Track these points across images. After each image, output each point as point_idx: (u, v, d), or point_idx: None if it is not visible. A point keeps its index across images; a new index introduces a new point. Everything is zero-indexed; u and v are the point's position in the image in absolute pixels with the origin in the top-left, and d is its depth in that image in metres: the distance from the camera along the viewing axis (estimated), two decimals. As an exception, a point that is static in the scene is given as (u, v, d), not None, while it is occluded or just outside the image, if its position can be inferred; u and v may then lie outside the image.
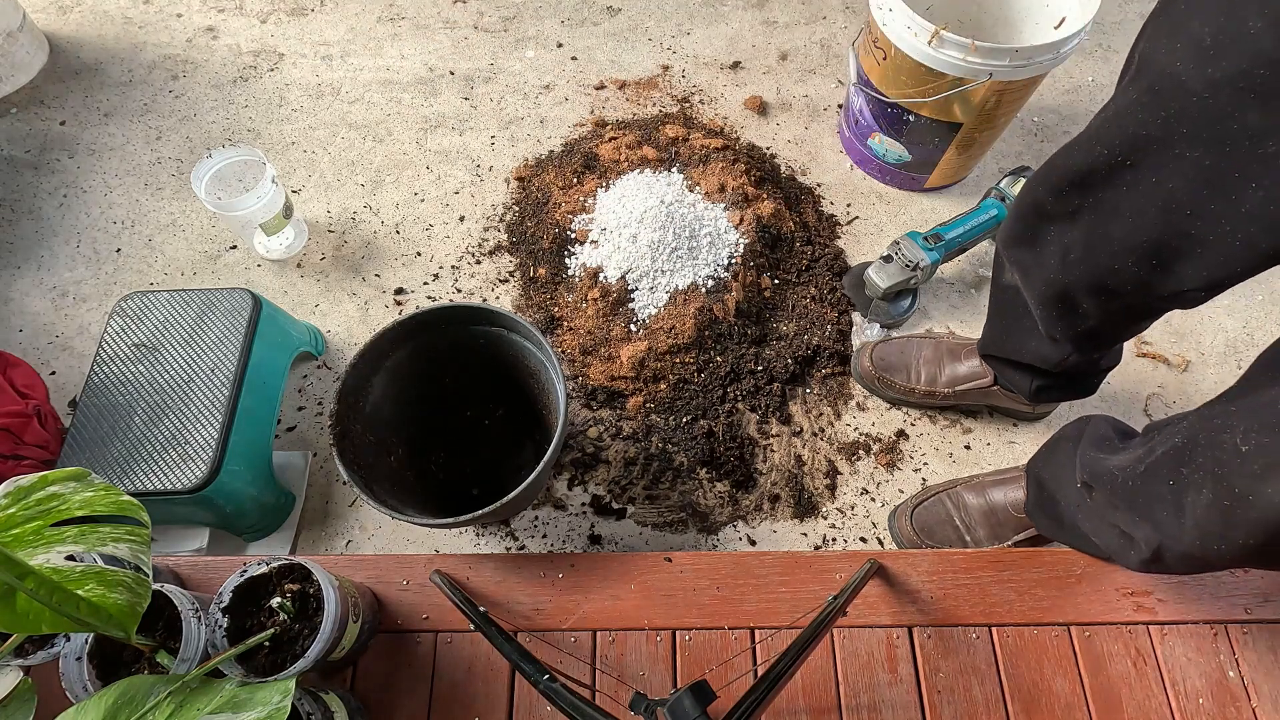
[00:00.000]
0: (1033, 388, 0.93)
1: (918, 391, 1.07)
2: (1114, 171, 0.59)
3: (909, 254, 1.10)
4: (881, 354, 1.09)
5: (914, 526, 0.98)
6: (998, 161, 1.36)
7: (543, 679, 0.60)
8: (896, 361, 1.08)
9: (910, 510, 0.99)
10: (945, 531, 0.96)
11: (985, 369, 1.02)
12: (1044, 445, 0.88)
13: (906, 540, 0.98)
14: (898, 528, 1.00)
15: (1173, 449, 0.61)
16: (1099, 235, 0.63)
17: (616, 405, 1.09)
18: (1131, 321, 0.74)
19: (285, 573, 0.66)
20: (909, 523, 0.98)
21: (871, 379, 1.09)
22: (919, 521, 0.98)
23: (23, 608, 0.43)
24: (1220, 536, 0.56)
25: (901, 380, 1.07)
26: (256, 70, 1.45)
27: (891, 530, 1.01)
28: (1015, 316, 0.86)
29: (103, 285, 1.20)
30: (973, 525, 0.96)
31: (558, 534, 1.02)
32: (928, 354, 1.08)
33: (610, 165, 1.24)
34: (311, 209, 1.28)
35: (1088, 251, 0.65)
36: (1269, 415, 0.52)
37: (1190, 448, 0.58)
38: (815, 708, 0.77)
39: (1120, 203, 0.60)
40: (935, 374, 1.06)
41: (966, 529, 0.96)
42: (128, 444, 0.87)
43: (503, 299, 1.20)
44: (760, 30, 1.53)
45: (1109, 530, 0.73)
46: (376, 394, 0.85)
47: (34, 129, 1.37)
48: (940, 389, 1.06)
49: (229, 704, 0.52)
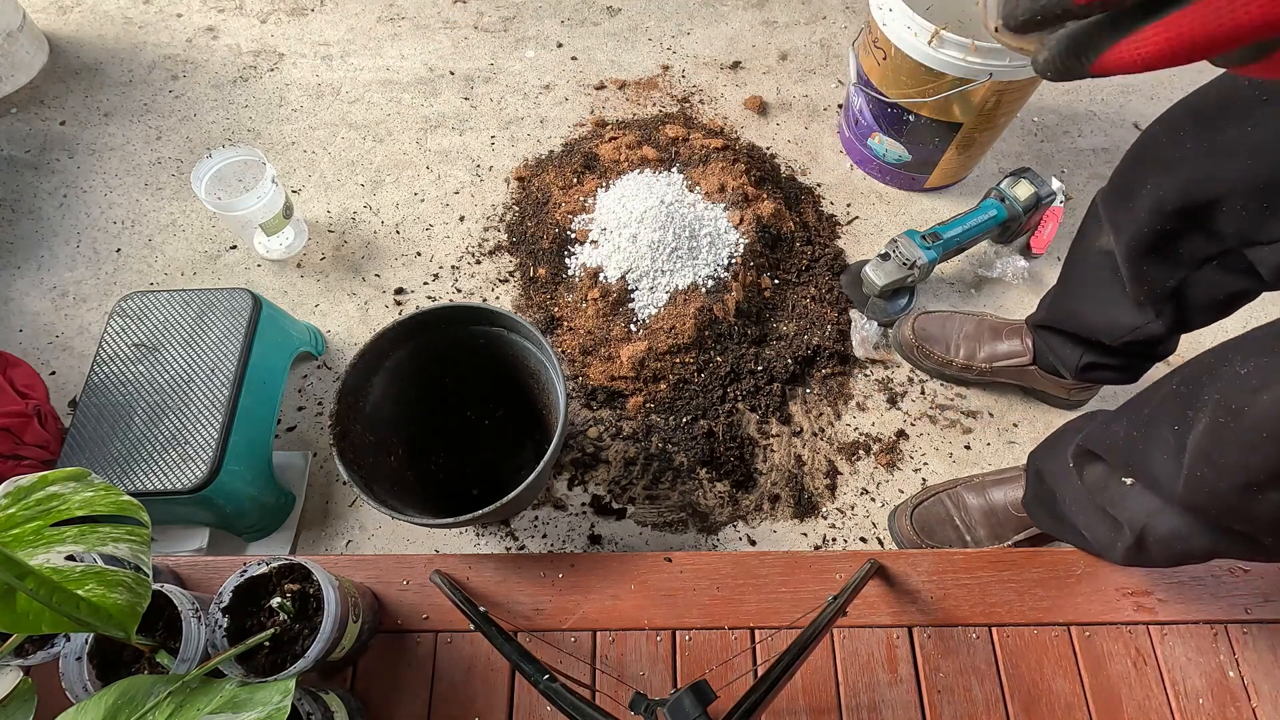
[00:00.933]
0: (1080, 363, 0.93)
1: (955, 364, 1.09)
2: (1249, 107, 0.60)
3: (906, 252, 1.10)
4: (923, 324, 1.11)
5: (914, 526, 0.98)
6: (998, 161, 1.36)
7: (543, 679, 0.60)
8: (937, 333, 1.10)
9: (910, 510, 0.99)
10: (945, 531, 0.96)
11: (1025, 347, 1.04)
12: (1047, 438, 0.88)
13: (906, 540, 0.98)
14: (897, 527, 1.00)
15: (1174, 394, 0.63)
16: (1207, 174, 0.64)
17: (616, 405, 1.09)
18: (1218, 286, 0.72)
19: (285, 573, 0.66)
20: (909, 522, 0.98)
21: (911, 347, 1.11)
22: (919, 521, 0.98)
23: (23, 608, 0.43)
24: (1212, 465, 0.57)
25: (940, 352, 1.09)
26: (256, 70, 1.45)
27: (891, 530, 1.01)
28: (1097, 284, 0.85)
29: (103, 285, 1.20)
30: (973, 525, 0.96)
31: (558, 534, 1.02)
32: (969, 329, 1.10)
33: (610, 165, 1.24)
34: (311, 209, 1.28)
35: (1194, 187, 0.65)
36: (1267, 342, 0.55)
37: (1193, 387, 0.60)
38: (815, 708, 0.77)
39: (1240, 141, 0.60)
40: (974, 349, 1.08)
41: (967, 529, 0.96)
42: (128, 444, 0.87)
43: (503, 299, 1.20)
44: (760, 30, 1.53)
45: (1098, 517, 0.74)
46: (376, 394, 0.85)
47: (34, 129, 1.37)
48: (978, 364, 1.08)
49: (229, 704, 0.52)
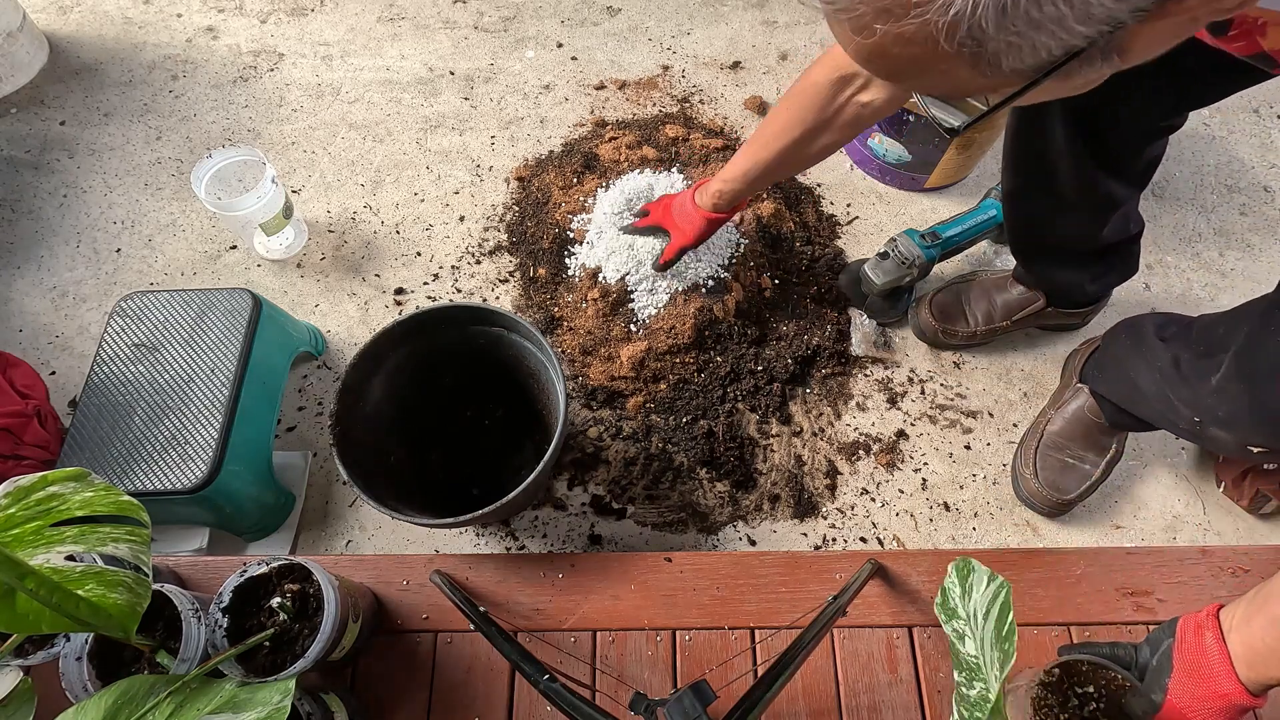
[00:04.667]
0: (1089, 286, 1.04)
1: (980, 333, 1.12)
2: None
3: (905, 251, 1.10)
4: (940, 305, 1.13)
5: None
6: (998, 161, 1.36)
7: (543, 679, 0.60)
8: (954, 310, 1.13)
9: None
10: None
11: (1035, 293, 1.09)
12: (1091, 362, 1.02)
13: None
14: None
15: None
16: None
17: (616, 405, 1.09)
18: (1145, 134, 0.84)
19: (285, 573, 0.66)
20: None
21: (934, 332, 1.13)
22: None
23: (23, 608, 0.43)
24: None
25: (962, 328, 1.12)
26: (256, 70, 1.45)
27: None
28: (1043, 190, 0.91)
29: (103, 285, 1.20)
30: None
31: (558, 534, 1.02)
32: (974, 294, 1.13)
33: (610, 165, 1.24)
34: (311, 209, 1.28)
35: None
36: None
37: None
38: (815, 708, 0.77)
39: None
40: (989, 310, 1.12)
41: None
42: (128, 444, 0.87)
43: (503, 299, 1.20)
44: (760, 30, 1.53)
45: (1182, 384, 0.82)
46: (377, 394, 0.85)
47: (34, 129, 1.37)
48: (998, 323, 1.11)
49: (229, 704, 0.52)
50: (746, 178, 0.88)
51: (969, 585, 0.56)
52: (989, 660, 0.51)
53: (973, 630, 0.54)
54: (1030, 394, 1.13)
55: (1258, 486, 1.00)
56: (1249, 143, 1.39)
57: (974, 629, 0.54)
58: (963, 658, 0.54)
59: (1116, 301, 1.16)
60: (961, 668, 0.53)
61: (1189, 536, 1.03)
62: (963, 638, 0.55)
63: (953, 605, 0.57)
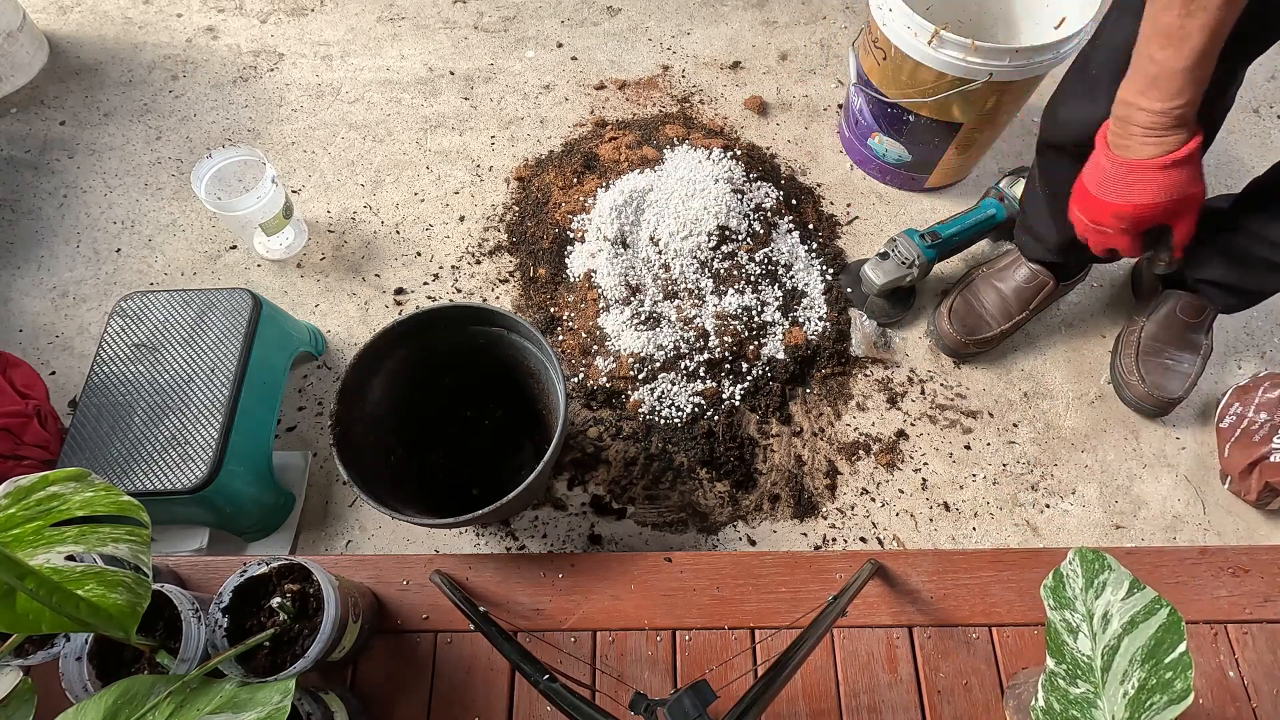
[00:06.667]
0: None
1: (1004, 331, 1.12)
2: None
3: (905, 251, 1.10)
4: (960, 316, 1.12)
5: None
6: (998, 161, 1.36)
7: (543, 679, 0.60)
8: (973, 318, 1.12)
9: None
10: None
11: (1044, 274, 1.10)
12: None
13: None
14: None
15: None
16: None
17: (616, 405, 1.09)
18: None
19: (285, 573, 0.66)
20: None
21: (961, 346, 1.12)
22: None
23: (23, 608, 0.43)
24: None
25: (987, 332, 1.11)
26: (256, 70, 1.45)
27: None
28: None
29: (103, 285, 1.20)
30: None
31: (558, 534, 1.02)
32: (984, 291, 1.13)
33: (610, 165, 1.24)
34: (311, 209, 1.28)
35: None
36: None
37: None
38: (815, 708, 0.77)
39: None
40: (1004, 304, 1.12)
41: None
42: (128, 444, 0.87)
43: (503, 299, 1.20)
44: (760, 30, 1.53)
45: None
46: (376, 394, 0.85)
47: (34, 129, 1.37)
48: (1017, 316, 1.12)
49: (229, 704, 0.52)
50: (1191, 68, 0.60)
51: (1098, 583, 0.53)
52: (1121, 674, 0.49)
53: (1091, 631, 0.52)
54: (1030, 394, 1.13)
55: (1266, 480, 0.99)
56: (1249, 143, 1.39)
57: (1094, 629, 0.52)
58: (1068, 651, 0.52)
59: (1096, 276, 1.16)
60: (1063, 660, 0.51)
61: (1189, 536, 1.03)
62: (1075, 632, 0.52)
63: (1069, 595, 0.54)
